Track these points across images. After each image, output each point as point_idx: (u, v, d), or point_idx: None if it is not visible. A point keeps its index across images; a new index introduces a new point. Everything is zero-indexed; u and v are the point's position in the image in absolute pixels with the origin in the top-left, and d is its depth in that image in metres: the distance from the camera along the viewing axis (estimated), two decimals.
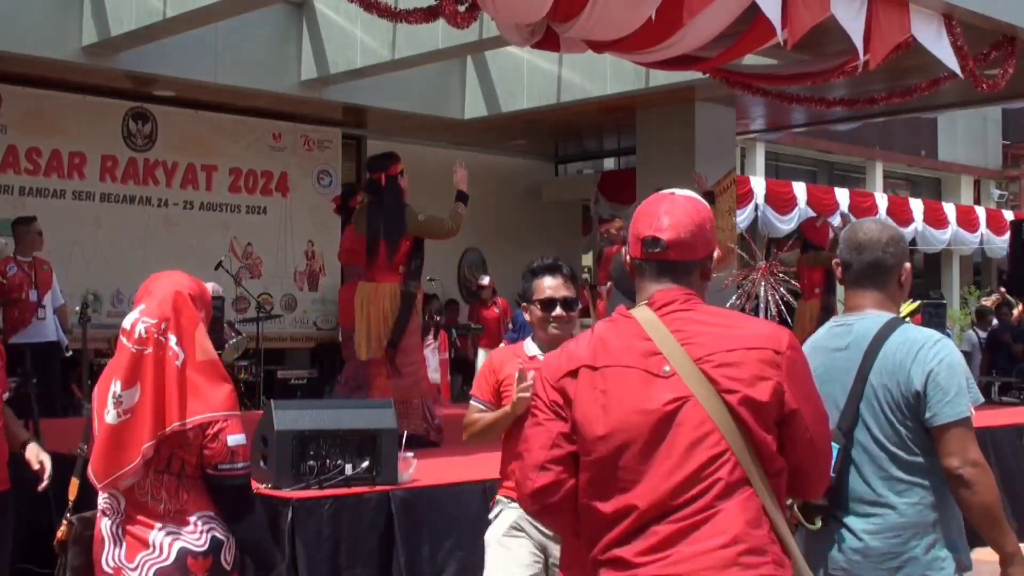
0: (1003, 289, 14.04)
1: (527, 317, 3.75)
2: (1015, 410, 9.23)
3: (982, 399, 2.88)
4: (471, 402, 3.76)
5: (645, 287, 2.32)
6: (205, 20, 8.87)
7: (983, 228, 19.36)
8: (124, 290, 11.09)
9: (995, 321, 13.23)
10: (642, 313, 2.27)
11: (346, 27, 10.10)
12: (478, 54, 11.33)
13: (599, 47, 7.45)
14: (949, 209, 19.01)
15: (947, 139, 22.09)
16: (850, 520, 2.87)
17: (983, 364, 12.65)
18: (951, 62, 7.66)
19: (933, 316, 10.55)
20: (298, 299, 12.48)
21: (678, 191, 2.38)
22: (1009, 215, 19.58)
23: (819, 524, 2.89)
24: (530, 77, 11.45)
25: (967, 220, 19.16)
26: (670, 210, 2.30)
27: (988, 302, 14.13)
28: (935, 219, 18.39)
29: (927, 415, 2.76)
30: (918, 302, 15.17)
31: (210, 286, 3.51)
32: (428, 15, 6.79)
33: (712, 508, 2.14)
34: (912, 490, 2.81)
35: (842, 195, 16.88)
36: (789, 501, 2.88)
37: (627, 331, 2.27)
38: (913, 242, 18.36)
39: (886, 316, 2.90)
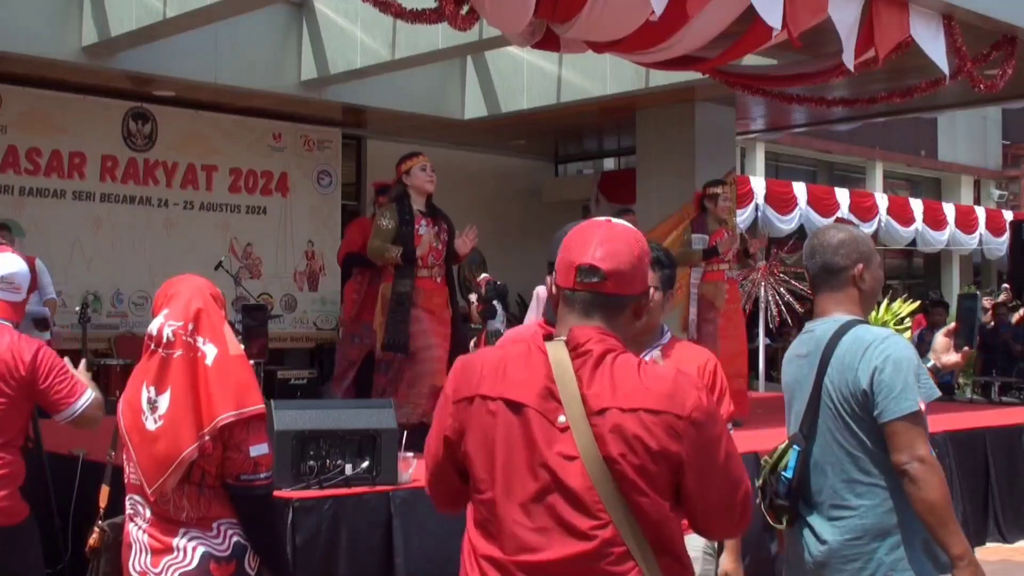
0: (1007, 286, 14.03)
1: None
2: (1015, 410, 9.24)
3: (937, 393, 2.90)
4: None
5: (567, 321, 2.12)
6: (205, 20, 8.86)
7: (982, 228, 19.35)
8: (124, 290, 11.10)
9: (991, 323, 13.23)
10: (556, 351, 2.09)
11: (346, 27, 10.10)
12: (478, 54, 11.33)
13: (599, 47, 7.46)
14: (948, 209, 19.01)
15: (947, 139, 22.09)
16: (815, 521, 2.91)
17: (982, 364, 12.65)
18: (942, 63, 7.65)
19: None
20: (298, 299, 12.47)
21: (615, 220, 2.23)
22: (1009, 215, 19.58)
23: (784, 524, 2.94)
24: (530, 77, 11.45)
25: (966, 221, 19.16)
26: (610, 238, 2.13)
27: (989, 301, 14.12)
28: (934, 220, 18.39)
29: (875, 412, 2.79)
30: (918, 302, 15.23)
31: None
32: (437, 16, 6.81)
33: None
34: (873, 491, 2.84)
35: (842, 195, 16.88)
36: (757, 500, 2.91)
37: (535, 365, 2.09)
38: (913, 242, 18.36)
39: (843, 319, 2.93)
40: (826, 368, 2.88)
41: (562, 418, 2.03)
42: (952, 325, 3.23)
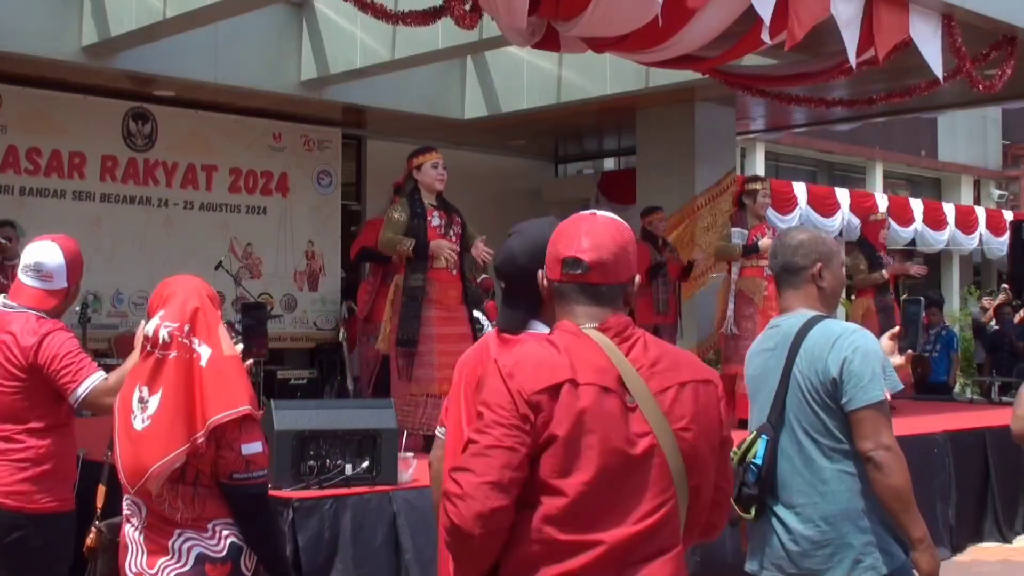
0: (1006, 286, 14.03)
1: None
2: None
3: (901, 385, 3.06)
4: None
5: (571, 310, 2.20)
6: (205, 20, 8.87)
7: (982, 228, 19.35)
8: (124, 290, 11.10)
9: (994, 322, 13.22)
10: (600, 338, 2.16)
11: (346, 27, 10.10)
12: (478, 54, 11.33)
13: (600, 47, 7.45)
14: (948, 209, 19.01)
15: (947, 139, 22.08)
16: (781, 511, 3.00)
17: (988, 364, 12.63)
18: (936, 66, 7.64)
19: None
20: (298, 299, 12.47)
21: (599, 212, 2.29)
22: (1009, 215, 19.57)
23: (753, 514, 3.02)
24: (530, 77, 11.45)
25: (966, 221, 19.16)
26: (591, 231, 2.21)
27: (988, 301, 14.09)
28: (934, 220, 18.39)
29: (843, 400, 2.91)
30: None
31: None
32: (426, 17, 6.80)
33: (659, 557, 2.10)
34: (840, 478, 2.94)
35: (842, 195, 16.88)
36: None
37: (592, 351, 2.14)
38: (913, 242, 18.36)
39: (810, 314, 3.08)
40: (795, 359, 3.00)
41: (630, 399, 2.10)
42: (896, 329, 3.37)
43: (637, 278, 2.28)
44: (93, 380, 3.52)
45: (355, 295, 12.42)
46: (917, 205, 18.48)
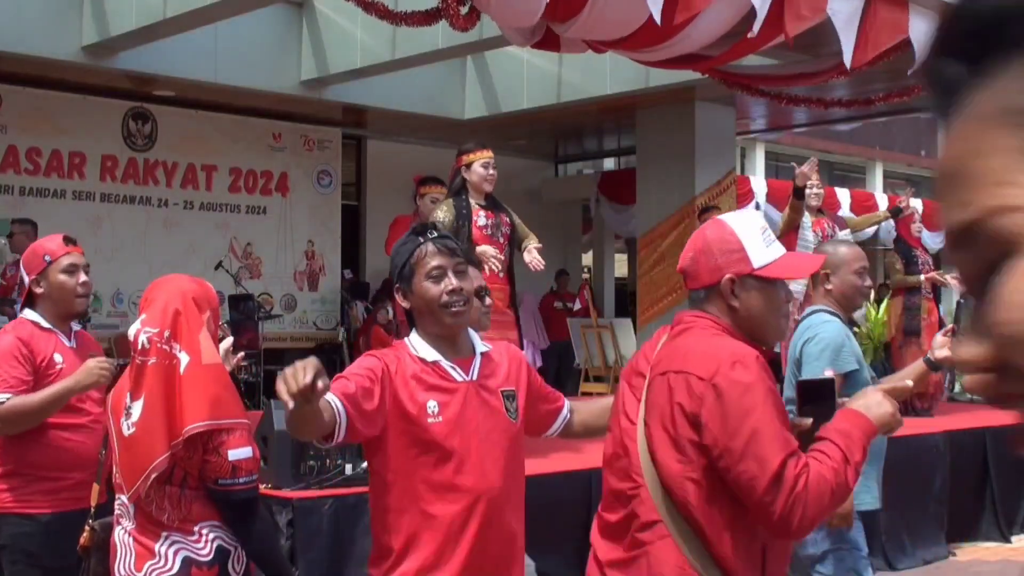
0: None
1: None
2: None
3: (848, 368, 3.66)
4: None
5: None
6: (205, 20, 8.87)
7: None
8: (124, 290, 11.10)
9: None
10: (663, 336, 2.36)
11: (346, 27, 10.10)
12: (478, 54, 11.33)
13: (599, 47, 7.45)
14: None
15: None
16: None
17: None
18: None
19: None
20: (298, 299, 12.48)
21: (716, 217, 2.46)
22: None
23: None
24: (530, 77, 11.44)
25: None
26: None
27: None
28: (935, 219, 18.37)
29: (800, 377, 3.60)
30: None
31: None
32: (428, 17, 6.78)
33: (638, 547, 2.19)
34: None
35: (843, 195, 16.87)
36: None
37: (649, 350, 2.36)
38: None
39: (815, 308, 3.84)
40: (789, 342, 3.87)
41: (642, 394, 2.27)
42: (950, 327, 3.90)
43: (727, 277, 2.27)
44: None
45: (368, 295, 12.47)
46: (917, 205, 18.46)
